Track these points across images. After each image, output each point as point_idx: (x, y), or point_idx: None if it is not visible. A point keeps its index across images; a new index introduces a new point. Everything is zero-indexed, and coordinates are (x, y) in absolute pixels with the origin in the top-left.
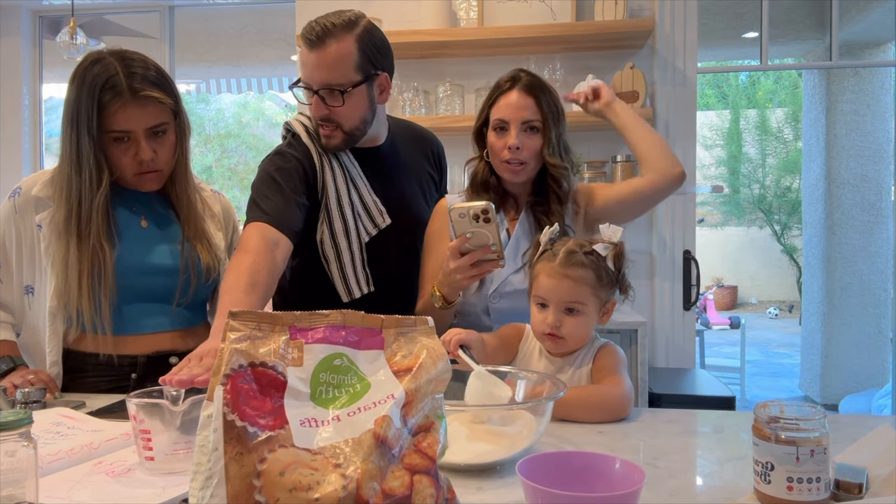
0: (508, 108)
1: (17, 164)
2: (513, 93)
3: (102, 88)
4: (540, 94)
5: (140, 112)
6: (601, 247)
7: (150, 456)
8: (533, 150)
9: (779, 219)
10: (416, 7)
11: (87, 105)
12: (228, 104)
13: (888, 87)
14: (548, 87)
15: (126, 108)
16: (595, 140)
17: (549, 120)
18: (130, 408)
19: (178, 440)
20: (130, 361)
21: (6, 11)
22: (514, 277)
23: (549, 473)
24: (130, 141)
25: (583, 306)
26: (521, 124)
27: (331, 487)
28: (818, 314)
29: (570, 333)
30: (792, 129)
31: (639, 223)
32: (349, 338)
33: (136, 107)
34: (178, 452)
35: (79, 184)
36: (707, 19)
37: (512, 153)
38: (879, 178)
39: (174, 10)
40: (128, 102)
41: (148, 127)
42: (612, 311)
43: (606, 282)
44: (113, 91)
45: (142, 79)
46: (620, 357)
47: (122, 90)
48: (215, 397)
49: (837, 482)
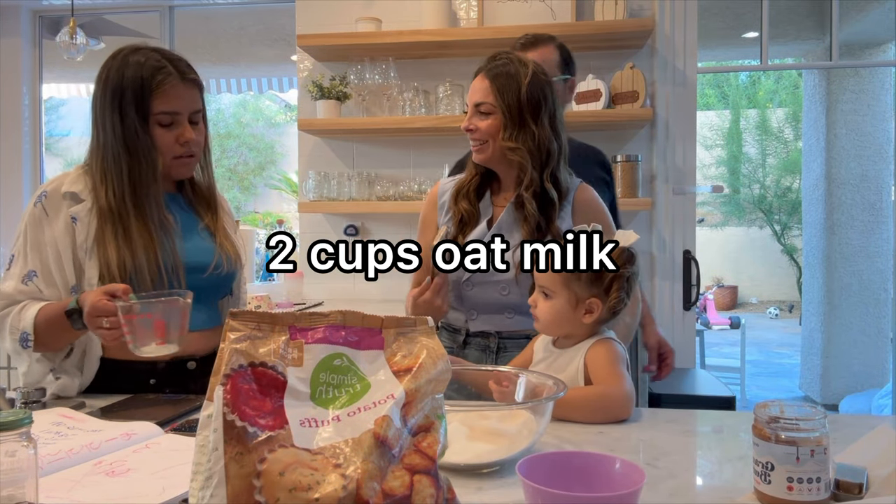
0: (470, 91)
1: (17, 164)
2: (479, 76)
3: (155, 71)
4: (496, 78)
5: (188, 93)
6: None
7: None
8: (484, 130)
9: (779, 219)
10: (416, 7)
11: (136, 87)
12: (228, 104)
13: (888, 87)
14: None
15: (176, 89)
16: (595, 140)
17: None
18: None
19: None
20: (148, 367)
21: (6, 11)
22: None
23: (549, 473)
24: (174, 124)
25: (552, 293)
26: (474, 107)
27: (331, 487)
28: (818, 314)
29: (540, 314)
30: (792, 129)
31: (639, 223)
32: (349, 338)
33: (184, 88)
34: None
35: (130, 162)
36: (707, 19)
37: (471, 133)
38: (879, 178)
39: (174, 10)
40: (178, 83)
41: (192, 111)
42: (596, 311)
43: (585, 279)
44: (164, 72)
45: (185, 65)
46: (618, 353)
47: (171, 72)
48: (215, 397)
49: (837, 482)
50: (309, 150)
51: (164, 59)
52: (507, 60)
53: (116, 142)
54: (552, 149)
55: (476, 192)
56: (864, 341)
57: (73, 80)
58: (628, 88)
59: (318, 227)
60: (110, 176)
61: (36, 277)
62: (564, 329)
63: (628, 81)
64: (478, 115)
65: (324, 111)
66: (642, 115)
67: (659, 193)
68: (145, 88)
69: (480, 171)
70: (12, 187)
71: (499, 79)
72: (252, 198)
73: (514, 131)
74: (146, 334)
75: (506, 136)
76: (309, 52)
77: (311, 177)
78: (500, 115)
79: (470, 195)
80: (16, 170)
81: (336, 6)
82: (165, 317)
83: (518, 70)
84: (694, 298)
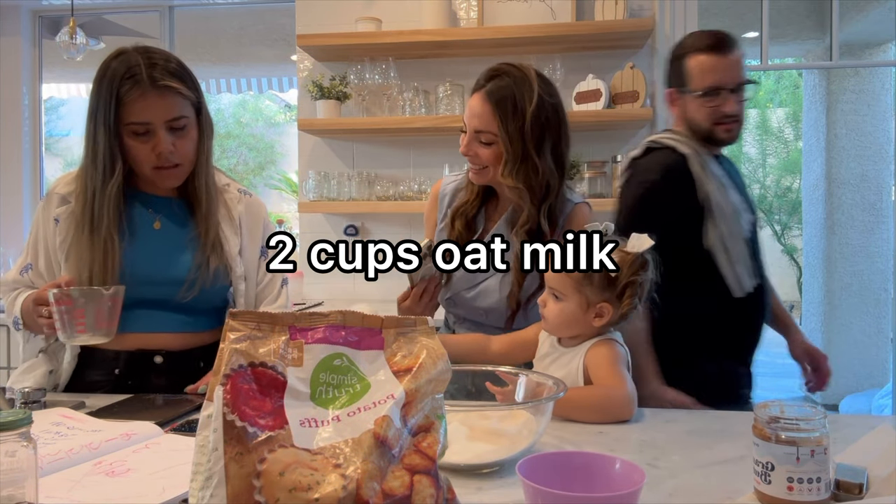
0: (468, 111)
1: (17, 164)
2: (477, 94)
3: (122, 79)
4: (499, 104)
5: (160, 103)
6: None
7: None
8: (485, 158)
9: (779, 219)
10: (417, 7)
11: (106, 97)
12: (227, 104)
13: (888, 87)
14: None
15: (145, 98)
16: (595, 140)
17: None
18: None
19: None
20: (114, 356)
21: (6, 11)
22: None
23: (549, 473)
24: (150, 134)
25: (563, 295)
26: (473, 133)
27: (331, 487)
28: (818, 314)
29: (548, 315)
30: (793, 129)
31: None
32: (349, 338)
33: (155, 97)
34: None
35: (93, 176)
36: (707, 19)
37: (470, 158)
38: (879, 178)
39: (174, 10)
40: (147, 92)
41: (167, 119)
42: (606, 315)
43: (598, 283)
44: (132, 81)
45: (162, 70)
46: (620, 354)
47: (141, 80)
48: (215, 397)
49: (837, 482)
50: (309, 150)
51: (140, 65)
52: (511, 80)
53: (87, 151)
54: (552, 183)
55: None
56: (864, 341)
57: (73, 80)
58: (628, 88)
59: (318, 227)
60: (79, 186)
61: (31, 270)
62: (573, 331)
63: (628, 81)
64: (477, 142)
65: (324, 111)
66: (642, 115)
67: None
68: (113, 98)
69: (480, 190)
70: (12, 187)
71: (501, 105)
72: None
73: (514, 166)
74: (71, 322)
75: (506, 171)
76: (309, 52)
77: (311, 177)
78: (501, 146)
79: (468, 216)
80: (16, 170)
81: (336, 6)
82: (86, 307)
83: (523, 94)
84: None
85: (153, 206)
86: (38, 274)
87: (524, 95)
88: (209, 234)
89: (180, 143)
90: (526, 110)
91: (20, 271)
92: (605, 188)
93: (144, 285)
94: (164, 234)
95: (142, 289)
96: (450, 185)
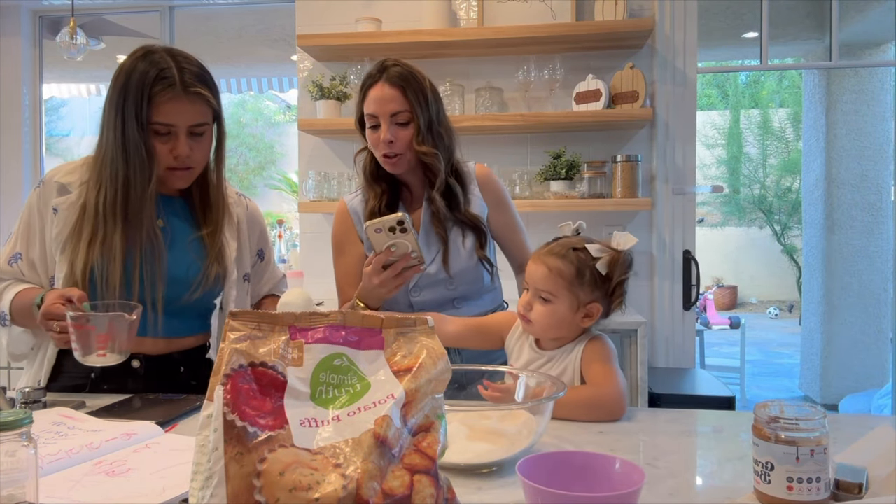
0: (376, 103)
1: (18, 163)
2: (378, 85)
3: (156, 79)
4: (405, 84)
5: (188, 108)
6: (595, 248)
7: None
8: (405, 140)
9: (779, 219)
10: (417, 7)
11: (137, 94)
12: (228, 104)
13: (888, 87)
14: (415, 75)
15: (176, 102)
16: (595, 140)
17: (417, 108)
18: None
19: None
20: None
21: (6, 11)
22: (430, 269)
23: (549, 473)
24: (170, 135)
25: (553, 297)
26: (390, 117)
27: (331, 487)
28: (818, 314)
29: (536, 319)
30: (794, 129)
31: (639, 223)
32: (349, 338)
33: (185, 101)
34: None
35: (126, 169)
36: (707, 19)
37: (387, 146)
38: (879, 178)
39: (174, 10)
40: (178, 96)
41: (191, 124)
42: (595, 315)
43: (589, 282)
44: (165, 83)
45: (193, 75)
46: (611, 350)
47: (174, 83)
48: (215, 397)
49: (837, 482)
50: (309, 150)
51: (172, 68)
52: (400, 66)
53: (116, 146)
54: (452, 143)
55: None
56: (863, 341)
57: (74, 80)
58: (628, 88)
59: (318, 227)
60: (104, 178)
61: (21, 261)
62: (560, 332)
63: (628, 81)
64: (395, 125)
65: (324, 111)
66: (642, 115)
67: (659, 193)
68: (145, 97)
69: (384, 187)
70: (12, 187)
71: (409, 83)
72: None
73: (427, 135)
74: (89, 344)
75: (419, 140)
76: (309, 52)
77: (311, 177)
78: (415, 122)
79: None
80: (16, 170)
81: (336, 6)
82: (110, 331)
83: (415, 73)
84: (694, 298)
85: (160, 203)
86: (30, 264)
87: (415, 74)
88: (215, 240)
89: (197, 147)
90: (424, 85)
91: (8, 261)
92: (604, 188)
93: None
94: (167, 234)
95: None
96: (354, 200)
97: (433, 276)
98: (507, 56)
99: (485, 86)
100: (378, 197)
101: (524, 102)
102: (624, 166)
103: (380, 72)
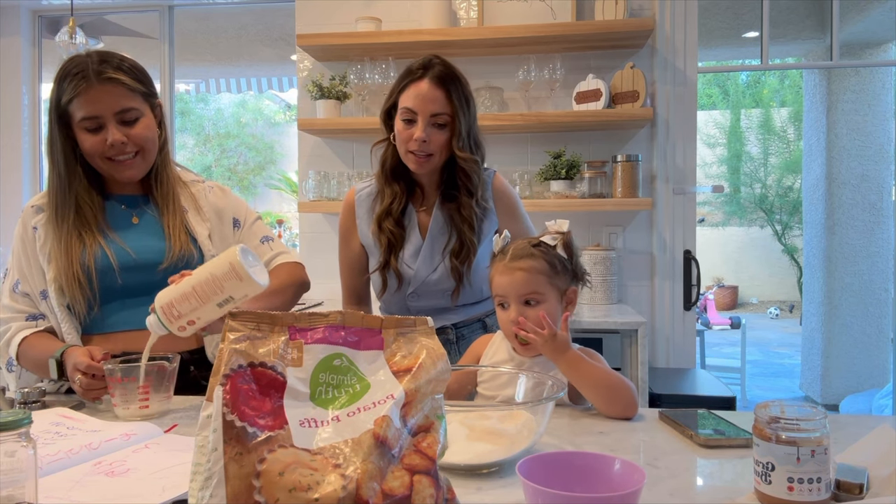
0: (417, 99)
1: (17, 163)
2: (423, 82)
3: (71, 77)
4: (451, 86)
5: (105, 95)
6: (549, 238)
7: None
8: (440, 143)
9: (780, 218)
10: (416, 7)
11: (57, 96)
12: (227, 104)
13: (888, 86)
14: (459, 77)
15: (91, 91)
16: (595, 140)
17: (459, 112)
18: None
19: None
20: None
21: (6, 11)
22: (432, 276)
23: (549, 473)
24: (102, 128)
25: (540, 296)
26: (429, 117)
27: (330, 487)
28: (818, 314)
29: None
30: (795, 129)
31: (639, 223)
32: (349, 338)
33: (101, 90)
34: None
35: (54, 175)
36: (707, 19)
37: (419, 145)
38: (880, 178)
39: (174, 10)
40: (92, 85)
41: (116, 111)
42: (575, 299)
43: (561, 270)
44: (79, 76)
45: (109, 65)
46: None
47: (87, 74)
48: (215, 397)
49: (838, 482)
50: (309, 149)
51: (87, 63)
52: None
53: (48, 153)
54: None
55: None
56: (864, 341)
57: None
58: (628, 88)
59: (318, 226)
60: (50, 187)
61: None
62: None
63: (628, 81)
64: (432, 126)
65: (324, 111)
66: (642, 114)
67: (659, 193)
68: (63, 98)
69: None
70: (12, 187)
71: (454, 86)
72: (252, 198)
73: (466, 141)
74: (132, 399)
75: (459, 146)
76: (309, 51)
77: (311, 177)
78: (454, 126)
79: (395, 216)
80: (15, 170)
81: (336, 6)
82: (151, 383)
83: (458, 76)
84: (694, 298)
85: (127, 204)
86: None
87: (459, 77)
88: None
89: (133, 133)
90: (467, 89)
91: (12, 290)
92: (605, 188)
93: (128, 271)
94: (143, 227)
95: (125, 275)
96: (364, 191)
97: (433, 285)
98: (507, 56)
99: (485, 85)
100: (393, 197)
101: (524, 102)
102: (624, 166)
103: (424, 68)
